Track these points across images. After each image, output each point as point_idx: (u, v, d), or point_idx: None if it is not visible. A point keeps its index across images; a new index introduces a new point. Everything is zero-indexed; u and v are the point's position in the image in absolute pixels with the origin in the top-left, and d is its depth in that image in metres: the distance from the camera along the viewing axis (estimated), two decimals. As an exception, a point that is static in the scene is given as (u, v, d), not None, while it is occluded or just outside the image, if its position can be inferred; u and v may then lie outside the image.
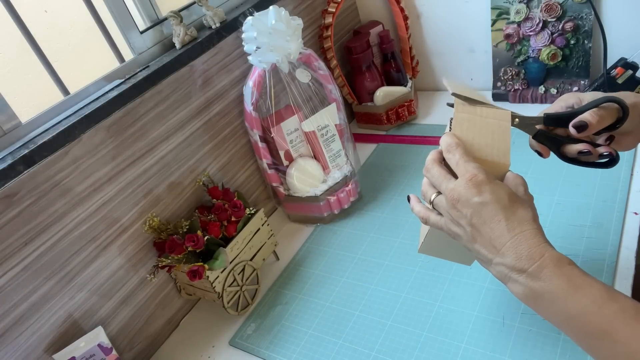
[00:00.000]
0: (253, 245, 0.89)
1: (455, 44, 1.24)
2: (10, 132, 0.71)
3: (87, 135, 0.74)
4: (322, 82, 1.00)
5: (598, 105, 0.55)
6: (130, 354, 0.84)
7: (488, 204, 0.52)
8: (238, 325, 0.86)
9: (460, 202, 0.53)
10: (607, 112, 0.55)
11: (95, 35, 0.84)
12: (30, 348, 0.70)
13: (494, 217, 0.51)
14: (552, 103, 0.61)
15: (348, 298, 0.83)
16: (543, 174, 0.92)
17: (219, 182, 0.96)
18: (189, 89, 0.89)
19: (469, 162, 0.54)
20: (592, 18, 1.02)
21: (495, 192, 0.52)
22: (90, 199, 0.75)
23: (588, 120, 0.55)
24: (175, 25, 0.88)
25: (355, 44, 1.19)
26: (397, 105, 1.21)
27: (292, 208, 1.03)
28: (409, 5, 1.24)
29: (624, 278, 0.70)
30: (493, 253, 0.51)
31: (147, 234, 0.84)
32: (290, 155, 0.99)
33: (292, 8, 1.11)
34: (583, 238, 0.78)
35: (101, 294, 0.78)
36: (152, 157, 0.84)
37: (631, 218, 0.78)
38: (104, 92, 0.79)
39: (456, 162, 0.56)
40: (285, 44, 0.88)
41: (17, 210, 0.66)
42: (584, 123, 0.55)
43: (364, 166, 1.14)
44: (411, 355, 0.71)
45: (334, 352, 0.75)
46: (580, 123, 0.55)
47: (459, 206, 0.53)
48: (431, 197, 0.57)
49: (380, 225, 0.96)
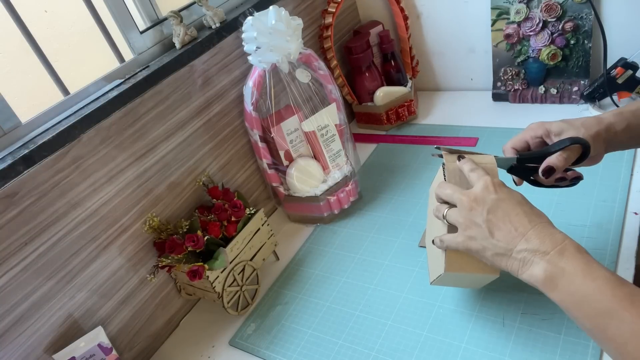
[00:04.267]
0: (253, 245, 0.89)
1: (455, 44, 1.24)
2: (10, 132, 0.71)
3: (87, 135, 0.74)
4: (322, 82, 1.00)
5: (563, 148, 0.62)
6: (130, 354, 0.84)
7: (505, 199, 0.57)
8: (238, 325, 0.86)
9: (477, 201, 0.58)
10: (571, 153, 0.62)
11: (95, 35, 0.84)
12: (31, 348, 0.70)
13: (512, 210, 0.56)
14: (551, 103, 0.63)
15: (348, 298, 0.83)
16: (543, 174, 0.92)
17: (219, 182, 0.96)
18: (189, 89, 0.89)
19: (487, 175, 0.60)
20: (592, 18, 1.02)
21: (511, 192, 0.59)
22: (90, 199, 0.75)
23: (555, 164, 0.62)
24: (175, 25, 0.88)
25: (355, 44, 1.19)
26: (397, 105, 1.21)
27: (292, 208, 1.03)
28: (409, 5, 1.24)
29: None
30: (516, 240, 0.55)
31: (147, 234, 0.84)
32: (290, 155, 0.99)
33: (292, 8, 1.11)
34: (583, 238, 0.78)
35: (101, 294, 0.78)
36: (152, 157, 0.84)
37: (631, 218, 0.78)
38: (104, 92, 0.79)
39: (470, 168, 0.62)
40: (285, 44, 0.88)
41: (17, 210, 0.66)
42: (552, 168, 0.62)
43: (364, 166, 1.14)
44: (411, 355, 0.71)
45: (334, 352, 0.75)
46: (548, 168, 0.63)
47: (474, 205, 0.58)
48: (444, 212, 0.62)
49: (380, 225, 0.96)
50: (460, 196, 0.59)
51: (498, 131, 1.07)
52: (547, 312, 0.69)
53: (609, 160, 0.89)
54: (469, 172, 0.62)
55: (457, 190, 0.61)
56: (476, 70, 1.25)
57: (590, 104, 1.05)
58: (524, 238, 0.55)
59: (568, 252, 0.52)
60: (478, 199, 0.58)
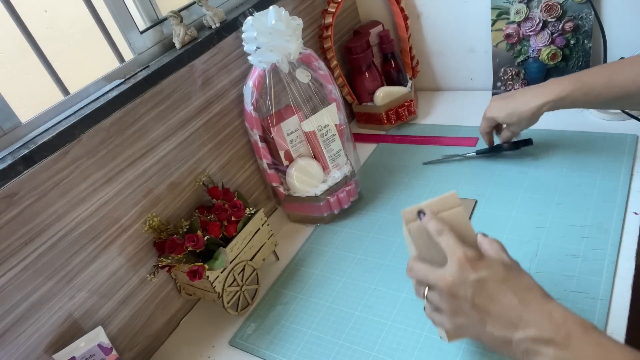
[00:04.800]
0: (253, 245, 0.89)
1: (455, 44, 1.24)
2: (10, 132, 0.71)
3: (87, 135, 0.74)
4: (322, 82, 1.00)
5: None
6: (130, 354, 0.84)
7: (487, 279, 0.50)
8: (238, 325, 0.86)
9: (456, 285, 0.51)
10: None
11: (95, 35, 0.84)
12: (31, 348, 0.70)
13: (498, 292, 0.49)
14: None
15: (348, 298, 0.83)
16: (543, 175, 0.92)
17: (219, 182, 0.96)
18: (189, 89, 0.89)
19: (458, 242, 0.53)
20: (592, 18, 1.02)
21: (490, 265, 0.51)
22: (90, 199, 0.75)
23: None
24: (175, 25, 0.88)
25: (355, 44, 1.19)
26: (397, 105, 1.21)
27: (292, 208, 1.03)
28: (409, 5, 1.24)
29: (624, 278, 0.70)
30: (511, 330, 0.48)
31: (147, 234, 0.84)
32: (290, 155, 0.99)
33: (292, 8, 1.11)
34: (583, 238, 0.78)
35: (101, 294, 0.78)
36: (152, 157, 0.84)
37: (631, 218, 0.78)
38: (104, 92, 0.79)
39: (446, 243, 0.54)
40: (285, 44, 0.88)
41: (17, 210, 0.66)
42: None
43: (364, 166, 1.14)
44: (411, 355, 0.71)
45: (334, 352, 0.75)
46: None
47: (455, 289, 0.51)
48: (424, 293, 0.56)
49: (380, 225, 0.96)
50: (437, 280, 0.53)
51: (498, 131, 1.07)
52: (547, 312, 0.69)
53: (609, 161, 0.89)
54: (436, 237, 0.55)
55: (431, 271, 0.54)
56: (476, 70, 1.25)
57: (590, 104, 1.05)
58: (520, 325, 0.48)
59: (574, 335, 0.46)
60: (457, 282, 0.51)
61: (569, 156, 0.94)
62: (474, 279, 0.50)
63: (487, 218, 0.88)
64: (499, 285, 0.50)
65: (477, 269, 0.51)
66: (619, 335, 0.63)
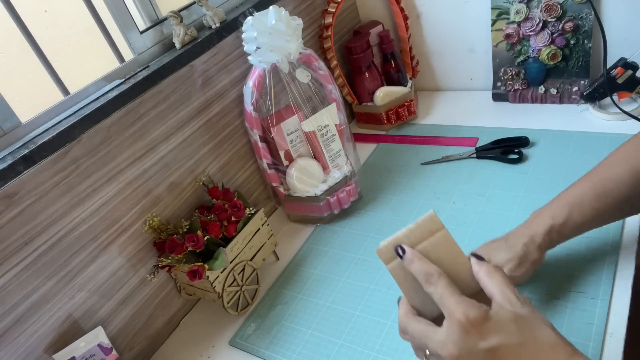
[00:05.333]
0: (253, 245, 0.89)
1: (455, 44, 1.24)
2: (10, 132, 0.71)
3: (87, 135, 0.74)
4: (322, 82, 1.00)
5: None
6: (130, 354, 0.84)
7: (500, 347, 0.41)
8: (238, 325, 0.86)
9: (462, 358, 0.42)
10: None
11: (95, 35, 0.84)
12: (30, 348, 0.70)
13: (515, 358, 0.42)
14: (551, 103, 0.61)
15: (348, 298, 0.83)
16: (543, 175, 0.92)
17: (219, 182, 0.96)
18: (189, 89, 0.89)
19: (454, 294, 0.44)
20: (592, 18, 1.02)
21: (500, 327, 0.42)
22: (90, 199, 0.75)
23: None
24: (175, 25, 0.88)
25: (355, 44, 1.19)
26: (397, 105, 1.21)
27: (292, 208, 1.03)
28: (409, 5, 1.24)
29: (624, 278, 0.70)
30: None
31: (147, 234, 0.84)
32: (290, 155, 0.99)
33: (292, 8, 1.11)
34: (583, 238, 0.77)
35: (101, 294, 0.78)
36: (152, 157, 0.84)
37: (631, 218, 0.78)
38: (104, 92, 0.79)
39: (439, 296, 0.45)
40: (285, 44, 0.88)
41: (17, 210, 0.66)
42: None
43: (364, 166, 1.14)
44: (411, 355, 0.70)
45: (334, 352, 0.75)
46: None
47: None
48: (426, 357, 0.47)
49: (380, 225, 0.96)
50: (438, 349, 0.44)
51: (498, 131, 1.07)
52: (546, 312, 0.69)
53: (609, 160, 0.89)
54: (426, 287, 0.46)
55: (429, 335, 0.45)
56: (476, 70, 1.25)
57: (590, 104, 1.05)
58: None
59: None
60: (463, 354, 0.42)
61: (569, 156, 0.94)
62: (483, 348, 0.42)
63: (487, 218, 0.88)
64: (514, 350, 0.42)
65: (484, 334, 0.42)
66: (619, 335, 0.63)
